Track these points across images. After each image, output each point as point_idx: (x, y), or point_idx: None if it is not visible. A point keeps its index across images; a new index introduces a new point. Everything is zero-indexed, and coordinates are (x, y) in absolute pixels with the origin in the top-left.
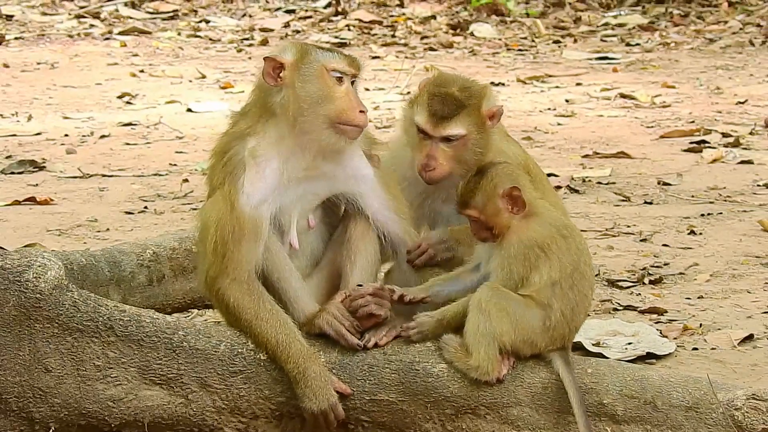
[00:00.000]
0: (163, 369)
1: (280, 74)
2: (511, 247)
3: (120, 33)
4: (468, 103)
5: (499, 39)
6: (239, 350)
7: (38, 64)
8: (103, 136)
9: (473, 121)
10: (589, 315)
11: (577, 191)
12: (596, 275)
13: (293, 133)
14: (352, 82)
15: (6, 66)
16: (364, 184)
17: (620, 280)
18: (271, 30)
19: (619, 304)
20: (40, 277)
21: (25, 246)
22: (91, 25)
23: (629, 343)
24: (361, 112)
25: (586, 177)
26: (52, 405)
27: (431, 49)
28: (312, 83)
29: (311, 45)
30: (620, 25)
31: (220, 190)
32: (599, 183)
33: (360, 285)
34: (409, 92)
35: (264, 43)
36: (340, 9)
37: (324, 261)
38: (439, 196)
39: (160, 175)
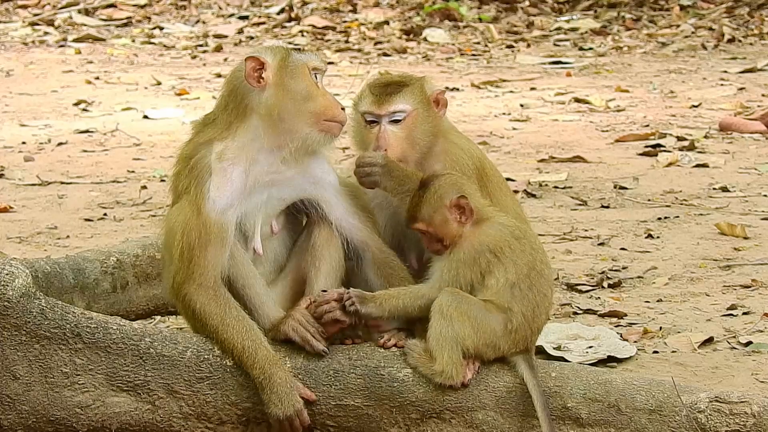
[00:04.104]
0: (130, 375)
1: (262, 75)
2: (461, 252)
3: (74, 40)
4: (409, 82)
5: (453, 44)
6: (205, 356)
7: None
8: (60, 144)
9: (418, 98)
10: (549, 318)
11: (534, 196)
12: (555, 279)
13: (273, 133)
14: None
15: None
16: (329, 190)
17: (579, 284)
18: (225, 36)
19: (578, 307)
20: (7, 285)
21: None
22: (46, 33)
23: (590, 347)
24: (342, 108)
25: (543, 181)
26: (20, 412)
27: (385, 54)
28: (299, 82)
29: (285, 46)
30: (573, 30)
31: (186, 196)
32: (556, 187)
33: (324, 291)
34: None
35: (218, 49)
36: (293, 15)
37: (288, 267)
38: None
39: (119, 182)
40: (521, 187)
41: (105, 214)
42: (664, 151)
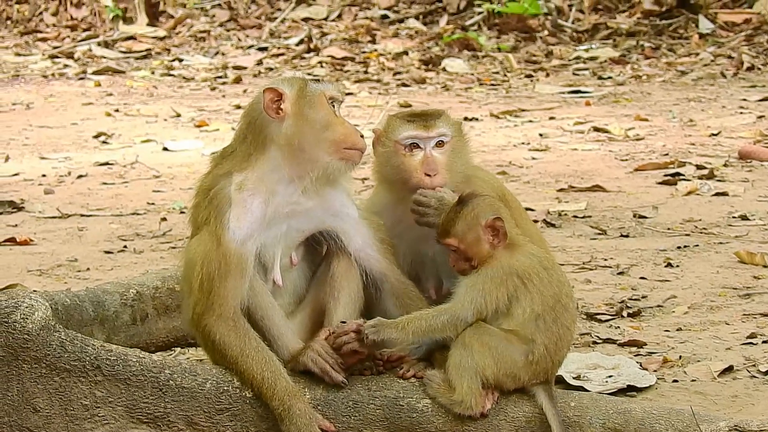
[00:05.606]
0: (150, 407)
1: (280, 106)
2: (490, 269)
3: (94, 73)
4: (440, 110)
5: (472, 74)
6: (225, 388)
7: (13, 104)
8: (80, 176)
9: (453, 125)
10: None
11: (553, 225)
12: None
13: (293, 163)
14: None
15: None
16: (348, 222)
17: (599, 314)
18: (244, 68)
19: (598, 337)
20: (27, 318)
21: (6, 287)
22: (66, 65)
23: (610, 376)
24: (361, 136)
25: (562, 211)
26: None
27: (404, 84)
28: (318, 111)
29: (302, 77)
30: (592, 59)
31: (206, 227)
32: (575, 217)
33: (343, 322)
34: None
35: (237, 81)
36: (312, 46)
37: (307, 298)
38: (426, 240)
39: (138, 214)
40: (540, 216)
41: (125, 247)
42: (684, 179)
